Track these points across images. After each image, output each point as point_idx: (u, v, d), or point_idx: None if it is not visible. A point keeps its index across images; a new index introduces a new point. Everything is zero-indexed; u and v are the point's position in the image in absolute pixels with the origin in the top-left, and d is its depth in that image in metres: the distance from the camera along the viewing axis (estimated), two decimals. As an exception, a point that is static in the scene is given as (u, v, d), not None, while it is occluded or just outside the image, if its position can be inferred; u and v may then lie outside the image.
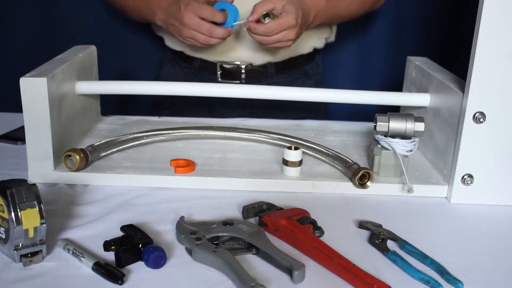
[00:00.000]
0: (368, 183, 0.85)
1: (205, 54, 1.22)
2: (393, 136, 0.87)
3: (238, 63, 1.21)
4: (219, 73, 1.20)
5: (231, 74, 1.21)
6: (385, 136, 0.87)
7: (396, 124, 0.86)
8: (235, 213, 0.78)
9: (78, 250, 0.65)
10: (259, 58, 1.21)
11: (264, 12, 1.03)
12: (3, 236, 0.64)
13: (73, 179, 0.85)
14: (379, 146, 0.88)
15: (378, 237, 0.71)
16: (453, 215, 0.81)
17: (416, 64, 1.05)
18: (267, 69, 1.22)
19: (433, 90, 0.95)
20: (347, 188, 0.86)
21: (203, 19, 1.04)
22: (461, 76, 0.89)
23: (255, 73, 1.22)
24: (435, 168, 0.92)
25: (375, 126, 0.87)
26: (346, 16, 1.24)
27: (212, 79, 1.23)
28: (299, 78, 1.30)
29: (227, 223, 0.70)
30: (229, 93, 0.98)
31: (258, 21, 1.03)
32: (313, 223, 0.73)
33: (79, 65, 0.97)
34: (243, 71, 1.21)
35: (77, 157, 0.84)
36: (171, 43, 1.27)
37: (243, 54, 1.20)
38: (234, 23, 1.07)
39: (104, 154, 0.90)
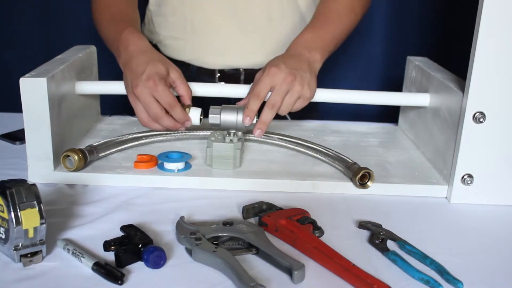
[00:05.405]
0: (369, 183, 0.85)
1: (203, 62, 1.20)
2: (226, 128, 0.88)
3: (240, 69, 1.20)
4: (217, 76, 1.20)
5: (229, 77, 1.20)
6: (218, 128, 0.89)
7: (228, 116, 0.87)
8: (235, 213, 0.78)
9: (78, 250, 0.65)
10: (260, 61, 1.20)
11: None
12: (3, 236, 0.64)
13: (73, 179, 0.85)
14: (212, 138, 0.88)
15: (378, 237, 0.71)
16: (453, 215, 0.81)
17: (416, 64, 1.05)
18: None
19: (433, 90, 0.95)
20: (347, 188, 0.86)
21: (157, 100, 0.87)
22: (461, 76, 0.89)
23: (253, 75, 1.21)
24: (435, 168, 0.92)
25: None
26: (343, 31, 1.08)
27: (210, 82, 1.23)
28: None
29: (227, 223, 0.70)
30: (229, 93, 0.97)
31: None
32: (313, 223, 0.73)
33: (79, 65, 0.97)
34: (241, 71, 1.20)
35: (76, 157, 0.84)
36: (169, 51, 1.24)
37: (245, 60, 1.19)
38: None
39: (103, 154, 0.90)
